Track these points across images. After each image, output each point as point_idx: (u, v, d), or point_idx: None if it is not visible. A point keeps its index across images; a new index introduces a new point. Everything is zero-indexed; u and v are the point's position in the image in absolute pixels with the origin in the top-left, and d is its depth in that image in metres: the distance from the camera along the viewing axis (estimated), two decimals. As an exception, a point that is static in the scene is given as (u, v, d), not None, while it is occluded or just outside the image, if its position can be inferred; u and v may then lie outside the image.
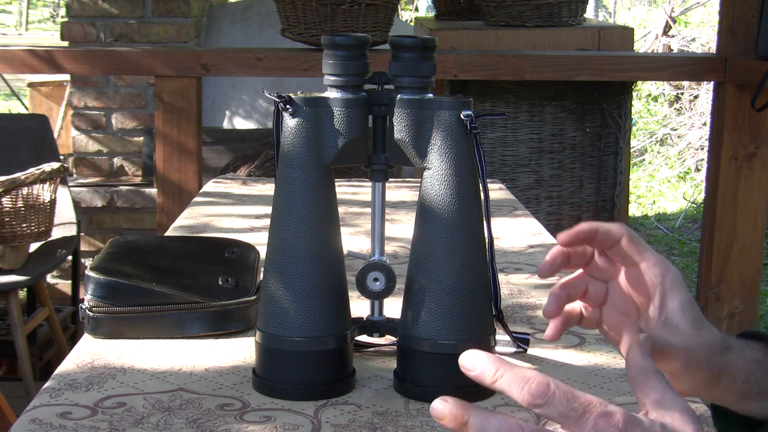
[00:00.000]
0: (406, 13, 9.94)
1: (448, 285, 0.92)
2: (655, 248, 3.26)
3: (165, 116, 2.81)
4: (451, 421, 0.59)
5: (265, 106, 4.32)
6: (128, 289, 1.09)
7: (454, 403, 0.59)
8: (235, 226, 1.65)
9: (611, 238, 0.79)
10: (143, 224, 4.10)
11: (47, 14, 15.33)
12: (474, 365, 0.61)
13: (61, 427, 0.86)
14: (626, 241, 0.78)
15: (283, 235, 0.94)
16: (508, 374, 0.60)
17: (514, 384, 0.60)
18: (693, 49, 7.45)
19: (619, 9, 11.27)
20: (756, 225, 2.80)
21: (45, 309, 3.15)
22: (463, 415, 0.59)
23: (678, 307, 0.77)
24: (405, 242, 1.49)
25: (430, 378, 0.93)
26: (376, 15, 2.75)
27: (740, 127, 2.76)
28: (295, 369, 0.93)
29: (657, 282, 0.78)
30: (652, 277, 0.78)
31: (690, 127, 7.08)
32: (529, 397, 0.59)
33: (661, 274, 0.78)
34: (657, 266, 0.78)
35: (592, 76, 2.86)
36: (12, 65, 2.86)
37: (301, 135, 0.94)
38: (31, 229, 2.85)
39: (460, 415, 0.59)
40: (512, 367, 0.60)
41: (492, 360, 0.60)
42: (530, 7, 3.14)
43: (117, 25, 4.08)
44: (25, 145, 3.29)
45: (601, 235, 0.79)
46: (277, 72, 2.91)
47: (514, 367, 0.60)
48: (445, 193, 0.92)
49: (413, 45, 0.95)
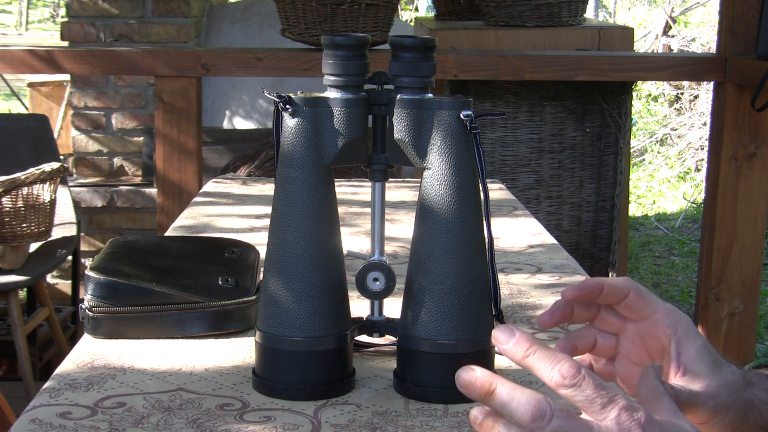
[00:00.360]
0: (406, 13, 9.94)
1: (447, 285, 0.92)
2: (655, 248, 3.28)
3: (165, 116, 2.81)
4: (479, 389, 0.59)
5: (265, 106, 4.32)
6: (128, 289, 1.09)
7: (482, 372, 0.59)
8: (235, 226, 1.65)
9: (617, 294, 0.78)
10: (143, 224, 4.10)
11: (47, 14, 15.33)
12: (507, 339, 0.61)
13: (61, 427, 0.86)
14: (633, 296, 0.78)
15: (283, 235, 0.94)
16: (540, 352, 0.60)
17: (546, 362, 0.60)
18: (693, 49, 7.45)
19: (619, 9, 11.27)
20: (756, 225, 2.80)
21: (45, 309, 3.15)
22: (491, 384, 0.59)
23: (695, 354, 0.76)
24: (405, 242, 1.49)
25: (430, 378, 0.93)
26: (376, 15, 2.75)
27: (740, 127, 2.76)
28: (295, 369, 0.93)
29: (670, 332, 0.76)
30: (665, 329, 0.77)
31: (690, 127, 7.08)
32: (560, 377, 0.59)
33: (673, 324, 0.77)
34: (668, 317, 0.77)
35: (592, 76, 2.86)
36: (12, 65, 2.86)
37: (301, 135, 0.94)
38: (31, 229, 2.85)
39: (487, 384, 0.59)
40: (544, 347, 0.61)
41: (525, 336, 0.61)
42: (530, 7, 3.14)
43: (117, 25, 4.08)
44: (25, 145, 3.29)
45: (607, 290, 0.78)
46: (277, 72, 2.91)
47: (545, 346, 0.61)
48: (445, 193, 0.92)
49: (413, 45, 0.95)
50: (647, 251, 5.40)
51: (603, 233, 3.08)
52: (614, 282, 0.78)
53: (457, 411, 0.90)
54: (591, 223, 3.07)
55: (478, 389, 0.59)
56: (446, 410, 0.91)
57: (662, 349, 0.77)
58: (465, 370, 0.59)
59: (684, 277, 4.98)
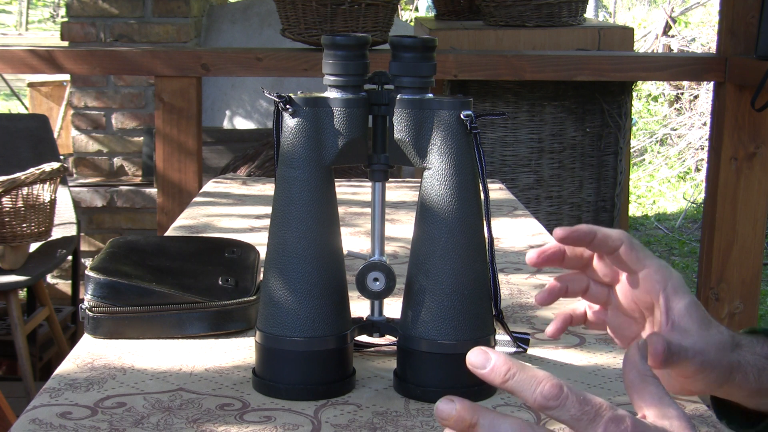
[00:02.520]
0: (406, 13, 9.94)
1: (448, 285, 0.92)
2: (655, 248, 3.28)
3: (165, 116, 2.81)
4: (458, 422, 0.57)
5: (265, 106, 4.32)
6: (128, 289, 1.09)
7: (461, 404, 0.57)
8: (235, 226, 1.65)
9: (609, 245, 0.78)
10: (143, 224, 4.10)
11: (47, 14, 15.33)
12: (483, 363, 0.59)
13: (61, 427, 0.86)
14: (625, 249, 0.78)
15: (283, 235, 0.94)
16: (519, 375, 0.58)
17: (526, 385, 0.58)
18: (693, 49, 7.45)
19: (619, 9, 11.27)
20: (756, 225, 2.80)
21: (45, 309, 3.15)
22: (472, 417, 0.57)
23: (684, 310, 0.76)
24: (405, 242, 1.49)
25: (430, 378, 0.93)
26: (376, 15, 2.75)
27: (740, 127, 2.76)
28: (295, 369, 0.93)
29: (659, 288, 0.77)
30: (655, 284, 0.77)
31: (690, 127, 7.08)
32: (542, 399, 0.58)
33: (663, 279, 0.77)
34: (658, 273, 0.78)
35: (592, 76, 2.86)
36: (12, 65, 2.86)
37: (301, 135, 0.94)
38: (31, 229, 2.85)
39: (468, 417, 0.57)
40: (523, 368, 0.59)
41: (503, 359, 0.59)
42: (530, 7, 3.14)
43: (117, 25, 4.08)
44: (25, 145, 3.29)
45: (599, 239, 0.78)
46: (277, 72, 2.91)
47: (525, 366, 0.59)
48: (445, 193, 0.92)
49: (413, 45, 0.95)
50: (647, 251, 5.39)
51: (603, 233, 3.07)
52: (608, 232, 0.78)
53: None
54: (591, 223, 3.06)
55: (459, 423, 0.57)
56: (446, 410, 0.91)
57: (652, 303, 0.78)
58: (443, 402, 0.57)
59: (684, 277, 4.97)
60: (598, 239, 0.78)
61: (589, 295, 0.82)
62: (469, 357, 0.59)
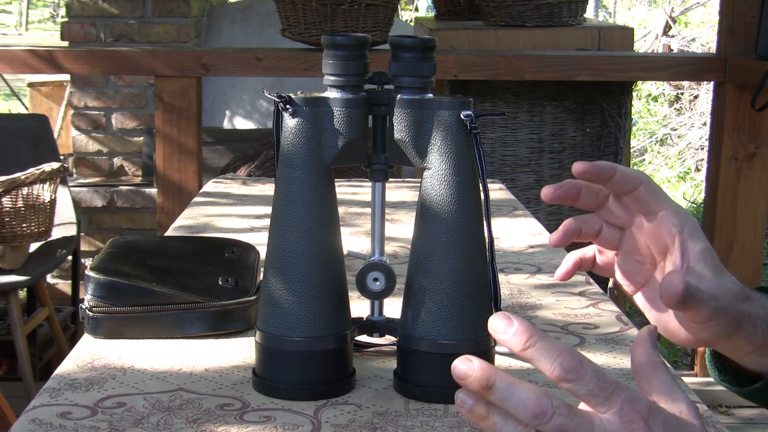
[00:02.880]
0: (406, 13, 9.94)
1: (447, 285, 0.92)
2: (655, 248, 3.15)
3: (165, 116, 2.81)
4: (476, 382, 0.56)
5: (265, 106, 4.32)
6: (128, 289, 1.09)
7: (480, 363, 0.56)
8: (235, 226, 1.64)
9: (628, 183, 0.77)
10: (143, 224, 4.10)
11: (47, 14, 15.33)
12: (505, 328, 0.58)
13: (61, 427, 0.86)
14: (644, 189, 0.76)
15: (283, 235, 0.94)
16: (540, 343, 0.57)
17: (546, 355, 0.57)
18: (693, 49, 7.45)
19: (619, 9, 11.27)
20: (756, 225, 2.80)
21: (45, 309, 3.15)
22: (489, 378, 0.56)
23: (699, 255, 0.75)
24: (405, 242, 1.49)
25: (430, 378, 0.93)
26: (376, 15, 2.75)
27: (740, 127, 2.76)
28: (295, 369, 0.93)
29: (676, 231, 0.75)
30: (671, 227, 0.76)
31: (690, 127, 7.08)
32: (561, 371, 0.56)
33: (679, 223, 0.76)
34: (675, 216, 0.76)
35: (592, 76, 2.86)
36: (12, 65, 2.86)
37: (301, 135, 0.94)
38: (31, 229, 2.85)
39: (485, 377, 0.56)
40: (545, 337, 0.58)
41: (525, 326, 0.58)
42: (530, 7, 3.14)
43: (117, 25, 4.08)
44: (25, 145, 3.29)
45: (619, 176, 0.76)
46: (277, 72, 2.91)
47: (546, 336, 0.58)
48: (445, 193, 0.92)
49: (413, 45, 0.95)
50: (647, 251, 5.39)
51: (603, 233, 3.07)
52: (627, 170, 0.77)
53: (457, 411, 0.90)
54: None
55: (475, 382, 0.56)
56: (446, 410, 0.91)
57: (666, 247, 0.77)
58: (461, 361, 0.56)
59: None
60: (617, 177, 0.77)
61: (601, 239, 0.81)
62: (491, 321, 0.58)
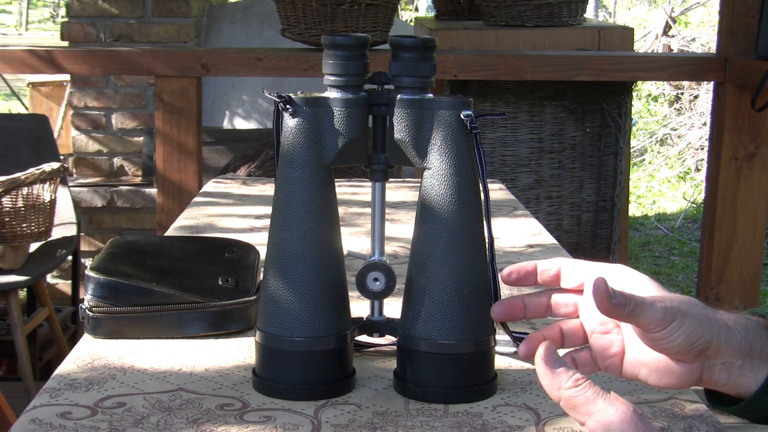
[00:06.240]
0: (406, 13, 9.94)
1: (448, 285, 0.92)
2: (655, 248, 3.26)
3: (165, 116, 2.82)
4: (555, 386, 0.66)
5: (265, 106, 4.32)
6: (128, 289, 1.09)
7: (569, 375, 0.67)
8: (235, 226, 1.65)
9: (551, 268, 0.82)
10: (143, 224, 4.10)
11: (47, 14, 15.34)
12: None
13: (61, 427, 0.86)
14: (565, 267, 0.81)
15: (283, 235, 0.94)
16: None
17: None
18: (693, 49, 7.45)
19: (619, 9, 11.27)
20: (756, 225, 2.80)
21: (45, 309, 3.15)
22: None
23: (639, 287, 0.78)
24: (405, 242, 1.49)
25: (431, 378, 0.93)
26: (376, 15, 2.75)
27: (740, 127, 2.76)
28: (295, 369, 0.93)
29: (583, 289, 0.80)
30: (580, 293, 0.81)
31: (690, 127, 7.08)
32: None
33: (596, 273, 0.80)
34: (594, 276, 0.78)
35: (592, 76, 2.86)
36: (12, 65, 2.86)
37: (301, 135, 0.94)
38: (31, 229, 2.85)
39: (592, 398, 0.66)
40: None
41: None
42: (530, 7, 3.14)
43: (117, 25, 4.08)
44: (25, 145, 3.29)
45: (540, 267, 0.82)
46: (277, 72, 2.91)
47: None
48: (445, 193, 0.92)
49: (413, 45, 0.95)
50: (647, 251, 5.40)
51: (603, 233, 3.08)
52: (544, 261, 0.82)
53: (457, 411, 0.90)
54: (591, 223, 3.07)
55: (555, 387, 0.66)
56: (446, 410, 0.91)
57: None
58: (564, 368, 0.66)
59: (684, 277, 4.98)
60: (538, 267, 0.82)
61: (567, 340, 0.84)
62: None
